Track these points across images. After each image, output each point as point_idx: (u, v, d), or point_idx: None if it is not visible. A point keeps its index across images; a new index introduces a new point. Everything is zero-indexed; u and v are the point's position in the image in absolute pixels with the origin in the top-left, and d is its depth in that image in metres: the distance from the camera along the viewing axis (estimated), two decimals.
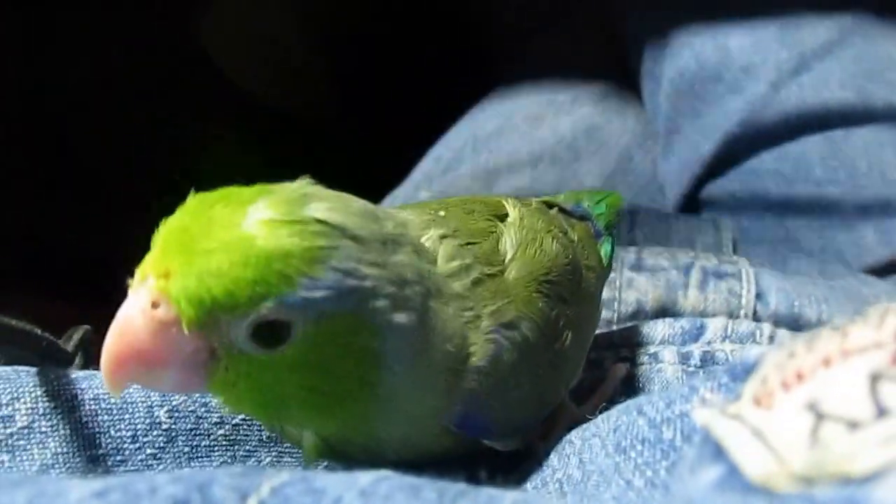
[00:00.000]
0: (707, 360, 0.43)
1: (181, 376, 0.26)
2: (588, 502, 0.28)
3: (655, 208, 0.61)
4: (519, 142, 0.71)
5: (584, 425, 0.32)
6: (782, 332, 0.44)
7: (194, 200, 0.26)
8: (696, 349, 0.43)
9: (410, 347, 0.28)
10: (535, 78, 0.77)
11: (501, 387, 0.30)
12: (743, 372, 0.24)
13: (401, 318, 0.27)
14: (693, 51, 0.63)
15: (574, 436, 0.32)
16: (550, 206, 0.38)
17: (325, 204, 0.26)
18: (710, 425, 0.22)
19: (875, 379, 0.20)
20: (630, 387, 0.42)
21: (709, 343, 0.44)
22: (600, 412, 0.33)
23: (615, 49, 0.75)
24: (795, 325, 0.46)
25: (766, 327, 0.44)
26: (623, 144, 0.69)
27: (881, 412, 0.19)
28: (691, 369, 0.42)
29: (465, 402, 0.29)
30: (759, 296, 0.47)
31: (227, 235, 0.25)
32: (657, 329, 0.44)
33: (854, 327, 0.21)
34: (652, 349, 0.43)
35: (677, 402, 0.26)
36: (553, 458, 0.32)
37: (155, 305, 0.25)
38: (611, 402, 0.36)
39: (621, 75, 0.74)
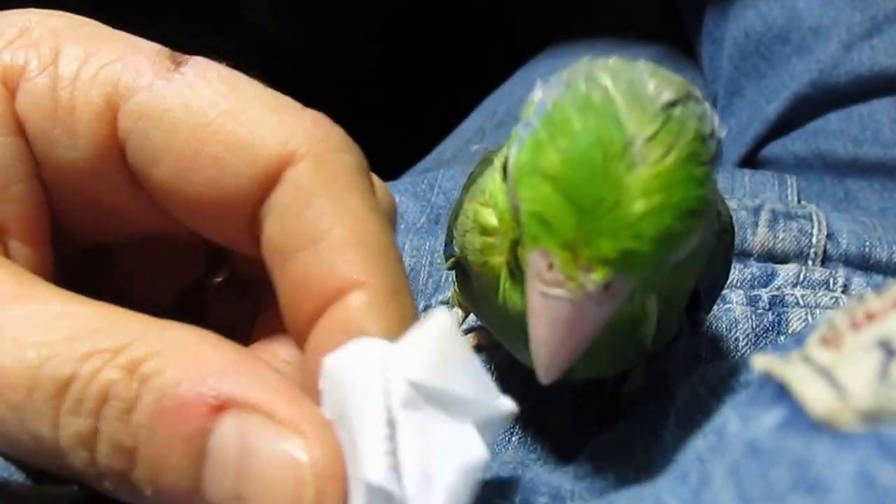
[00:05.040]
0: (776, 303, 0.42)
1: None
2: None
3: None
4: None
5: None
6: (857, 280, 0.44)
7: (557, 147, 0.23)
8: (765, 293, 0.43)
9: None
10: (588, 38, 0.76)
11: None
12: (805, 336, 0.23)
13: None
14: (758, 12, 0.63)
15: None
16: None
17: (694, 109, 0.24)
18: (771, 368, 0.21)
19: None
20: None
21: (778, 288, 0.43)
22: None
23: (670, 12, 0.75)
24: (866, 264, 0.45)
25: (840, 275, 0.44)
26: None
27: None
28: (760, 311, 0.42)
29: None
30: (829, 236, 0.46)
31: (647, 185, 0.22)
32: None
33: None
34: None
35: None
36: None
37: (604, 287, 0.23)
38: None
39: (676, 39, 0.74)
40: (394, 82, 0.90)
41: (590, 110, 0.23)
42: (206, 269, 0.31)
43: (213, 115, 0.23)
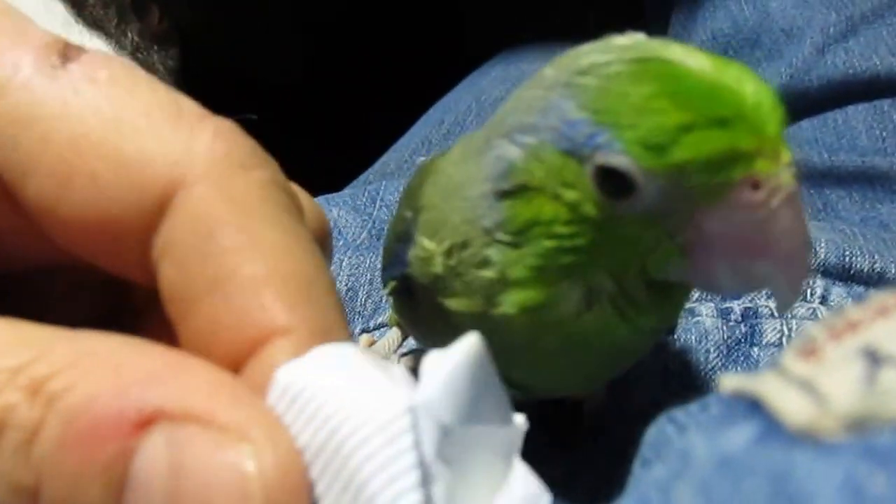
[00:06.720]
0: (749, 315, 0.40)
1: None
2: None
3: None
4: None
5: None
6: (837, 291, 0.41)
7: (661, 108, 0.24)
8: (737, 305, 0.40)
9: None
10: (544, 43, 0.73)
11: None
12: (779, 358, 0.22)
13: None
14: (728, 13, 0.60)
15: None
16: None
17: None
18: (741, 386, 0.20)
19: None
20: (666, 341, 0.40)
21: (751, 300, 0.41)
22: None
23: (633, 13, 0.72)
24: (846, 274, 0.42)
25: (818, 286, 0.41)
26: None
27: None
28: (732, 323, 0.40)
29: None
30: None
31: (757, 87, 0.24)
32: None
33: None
34: (687, 305, 0.40)
35: None
36: None
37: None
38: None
39: None
40: (334, 89, 0.86)
41: (629, 72, 0.25)
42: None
43: (94, 123, 0.20)
